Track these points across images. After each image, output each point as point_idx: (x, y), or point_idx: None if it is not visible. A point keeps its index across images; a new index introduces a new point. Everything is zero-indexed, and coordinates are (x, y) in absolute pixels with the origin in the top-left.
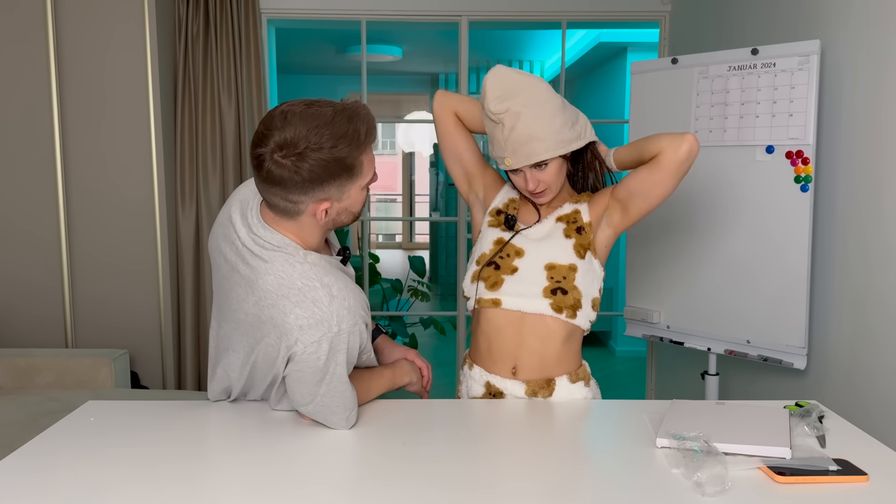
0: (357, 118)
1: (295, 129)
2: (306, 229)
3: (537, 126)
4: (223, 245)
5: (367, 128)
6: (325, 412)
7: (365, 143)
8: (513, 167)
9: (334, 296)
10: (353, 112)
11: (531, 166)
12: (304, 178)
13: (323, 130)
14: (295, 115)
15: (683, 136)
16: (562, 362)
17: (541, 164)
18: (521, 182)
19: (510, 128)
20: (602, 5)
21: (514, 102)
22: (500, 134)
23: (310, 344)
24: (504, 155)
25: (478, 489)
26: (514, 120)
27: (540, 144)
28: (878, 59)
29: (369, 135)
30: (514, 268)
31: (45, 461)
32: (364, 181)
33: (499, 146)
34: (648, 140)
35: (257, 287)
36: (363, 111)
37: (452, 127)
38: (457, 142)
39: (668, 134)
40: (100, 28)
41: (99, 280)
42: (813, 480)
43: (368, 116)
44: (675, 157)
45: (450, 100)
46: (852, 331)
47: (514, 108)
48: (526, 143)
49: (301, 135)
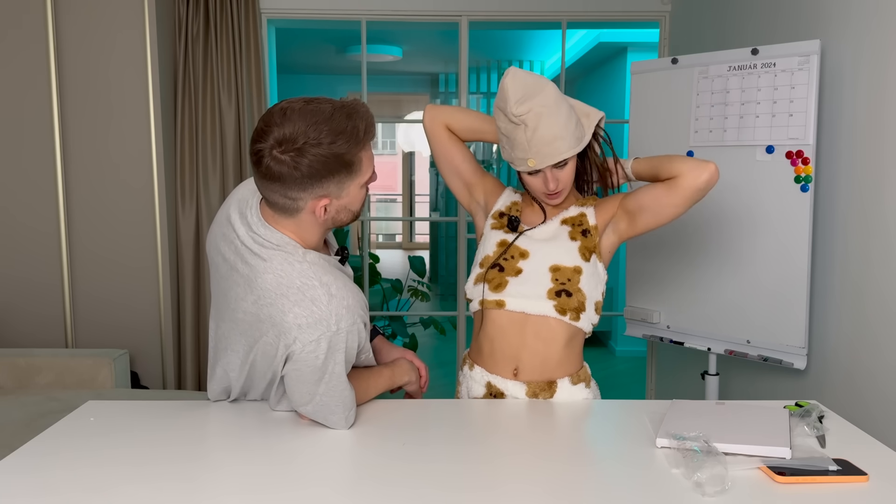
0: (356, 115)
1: (294, 125)
2: (305, 227)
3: (557, 125)
4: (221, 244)
5: (366, 125)
6: (324, 412)
7: (364, 139)
8: (537, 167)
9: (333, 295)
10: (352, 109)
11: (552, 166)
12: (303, 173)
13: (322, 126)
14: (294, 112)
15: (706, 165)
16: (563, 364)
17: (560, 164)
18: (540, 184)
19: (533, 129)
20: (602, 5)
21: (535, 103)
22: (523, 135)
23: (308, 343)
24: (527, 156)
25: (476, 489)
26: (536, 121)
27: (563, 143)
28: (878, 59)
29: (368, 132)
30: (518, 269)
31: (45, 461)
32: (363, 179)
33: (521, 148)
34: (672, 159)
35: (256, 286)
36: (362, 109)
37: (446, 139)
38: (452, 154)
39: (692, 159)
40: (100, 28)
41: (99, 280)
42: (813, 480)
43: (367, 114)
44: (694, 183)
45: (440, 113)
46: (852, 331)
47: (536, 108)
48: (550, 143)
49: (300, 130)
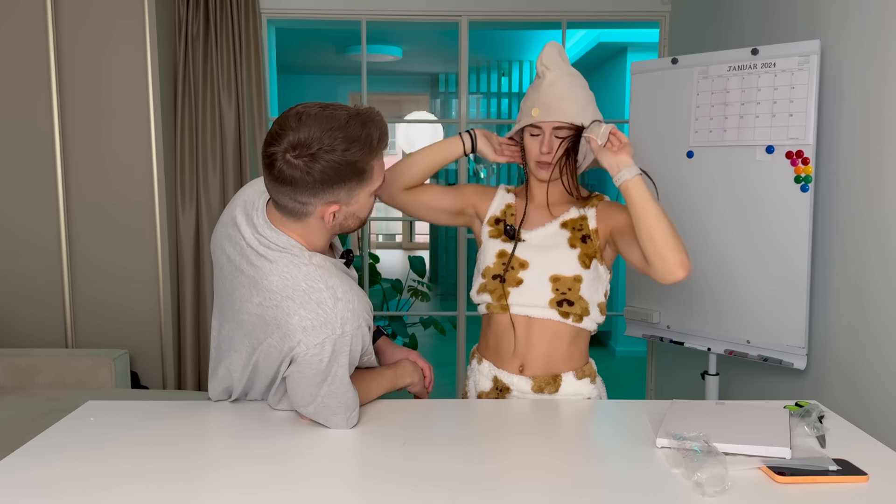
0: (371, 123)
1: (309, 130)
2: (312, 231)
3: (571, 92)
4: (226, 245)
5: (381, 133)
6: (326, 413)
7: (377, 148)
8: (538, 119)
9: (339, 298)
10: (367, 117)
11: (553, 133)
12: (316, 179)
13: (337, 133)
14: (310, 117)
15: (679, 271)
16: (568, 360)
17: (560, 132)
18: (535, 146)
19: (550, 83)
20: (602, 5)
21: (562, 67)
22: (539, 85)
23: (313, 346)
24: (535, 105)
25: (477, 489)
26: (554, 77)
27: (570, 107)
28: (878, 59)
29: (382, 140)
30: (518, 280)
31: (45, 461)
32: (373, 187)
33: (531, 98)
34: (652, 233)
35: (262, 287)
36: (377, 117)
37: (410, 198)
38: (423, 202)
39: (678, 251)
40: (100, 28)
41: (99, 280)
42: (813, 480)
43: (382, 123)
44: (660, 276)
45: (391, 183)
46: (852, 331)
47: (561, 69)
48: (559, 99)
49: (315, 136)
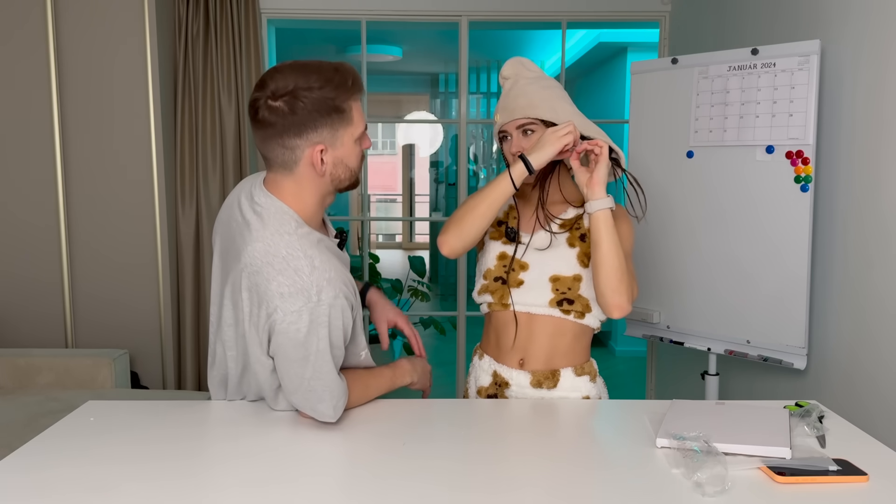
0: (343, 69)
1: (286, 77)
2: (305, 186)
3: (533, 95)
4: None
5: (353, 78)
6: (313, 399)
7: (352, 89)
8: (500, 122)
9: (315, 266)
10: (339, 65)
11: (520, 132)
12: (298, 117)
13: (312, 75)
14: (286, 67)
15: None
16: (568, 356)
17: (527, 131)
18: (507, 150)
19: (508, 90)
20: (602, 5)
21: (524, 74)
22: (503, 95)
23: (290, 313)
24: (497, 113)
25: (476, 489)
26: (513, 83)
27: (527, 101)
28: (878, 59)
29: (356, 83)
30: (519, 281)
31: (45, 461)
32: (356, 131)
33: (498, 108)
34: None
35: (245, 253)
36: (348, 66)
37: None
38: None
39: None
40: (100, 28)
41: (99, 280)
42: (813, 480)
43: (353, 71)
44: (601, 307)
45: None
46: (852, 331)
47: (522, 76)
48: (515, 98)
49: (292, 80)
